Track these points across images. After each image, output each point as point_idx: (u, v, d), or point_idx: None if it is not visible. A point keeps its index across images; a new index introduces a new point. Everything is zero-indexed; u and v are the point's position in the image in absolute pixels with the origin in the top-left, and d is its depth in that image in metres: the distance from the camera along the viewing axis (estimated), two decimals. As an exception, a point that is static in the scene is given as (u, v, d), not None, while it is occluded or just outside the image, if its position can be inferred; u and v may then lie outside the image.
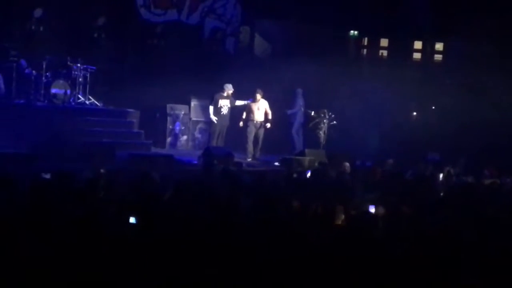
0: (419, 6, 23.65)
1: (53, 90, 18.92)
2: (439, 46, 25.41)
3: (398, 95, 22.63)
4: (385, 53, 25.64)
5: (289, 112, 21.16)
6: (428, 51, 25.46)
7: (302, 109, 21.23)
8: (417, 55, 25.58)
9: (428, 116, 23.32)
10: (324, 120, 20.91)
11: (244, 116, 19.29)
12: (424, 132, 21.46)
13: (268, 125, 19.24)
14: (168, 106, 20.90)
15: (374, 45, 25.68)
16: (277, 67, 21.74)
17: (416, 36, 25.03)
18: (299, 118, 21.26)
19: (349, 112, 21.96)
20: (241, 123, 19.28)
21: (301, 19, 22.61)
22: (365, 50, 25.99)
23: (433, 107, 23.54)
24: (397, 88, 22.36)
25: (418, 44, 25.49)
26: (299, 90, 21.24)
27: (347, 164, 15.55)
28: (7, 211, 8.10)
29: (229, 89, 19.15)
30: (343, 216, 8.68)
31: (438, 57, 25.54)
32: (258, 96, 19.24)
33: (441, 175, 15.23)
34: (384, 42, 25.55)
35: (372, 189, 11.96)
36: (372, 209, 10.00)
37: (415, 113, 23.77)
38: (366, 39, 25.69)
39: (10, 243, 6.96)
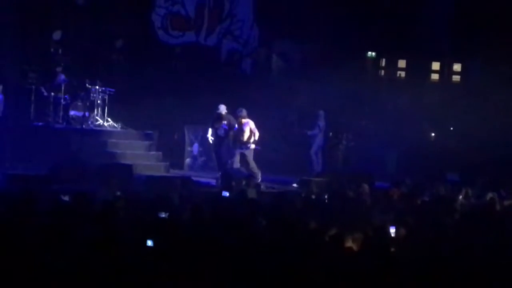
0: (437, 27, 23.64)
1: (72, 112, 19.03)
2: (457, 67, 25.39)
3: (416, 116, 22.60)
4: (403, 73, 25.61)
5: (309, 133, 20.94)
6: (446, 72, 25.42)
7: (323, 131, 20.94)
8: (435, 76, 25.55)
9: (446, 136, 23.24)
10: (343, 141, 20.86)
11: (232, 138, 18.90)
12: (443, 152, 21.37)
13: (253, 146, 18.53)
14: (186, 127, 20.91)
15: (392, 66, 25.67)
16: (294, 88, 21.73)
17: (434, 57, 25.01)
18: (318, 140, 20.97)
19: (367, 132, 21.94)
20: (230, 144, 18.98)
21: (318, 40, 22.63)
22: (383, 71, 25.97)
23: (452, 128, 23.47)
24: (415, 109, 22.33)
25: (436, 65, 25.46)
26: (321, 112, 20.88)
27: (366, 185, 15.47)
28: (28, 232, 8.13)
29: (222, 110, 18.76)
30: (351, 241, 8.62)
31: (456, 78, 25.50)
32: (242, 115, 18.53)
33: (460, 196, 15.12)
34: (402, 63, 25.54)
35: (390, 210, 11.92)
36: (392, 230, 9.94)
37: (433, 134, 23.69)
38: (384, 60, 25.68)
39: (30, 264, 6.99)
